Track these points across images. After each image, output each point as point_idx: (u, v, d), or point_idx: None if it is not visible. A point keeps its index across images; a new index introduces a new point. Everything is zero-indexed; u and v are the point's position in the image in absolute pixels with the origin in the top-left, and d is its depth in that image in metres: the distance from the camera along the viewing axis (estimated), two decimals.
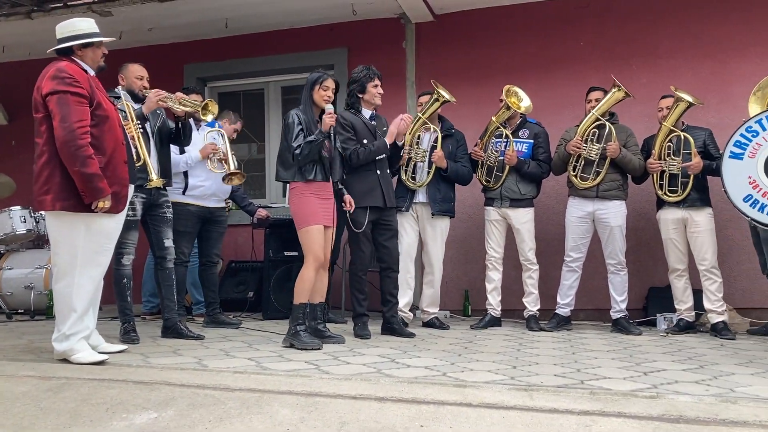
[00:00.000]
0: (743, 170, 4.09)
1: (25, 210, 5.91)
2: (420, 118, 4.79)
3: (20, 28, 6.20)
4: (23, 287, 5.64)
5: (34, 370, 3.06)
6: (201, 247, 5.02)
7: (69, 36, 3.33)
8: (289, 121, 3.96)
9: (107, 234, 3.32)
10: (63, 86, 3.17)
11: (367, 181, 4.34)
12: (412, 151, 4.86)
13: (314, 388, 2.70)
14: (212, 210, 4.91)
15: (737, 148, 4.13)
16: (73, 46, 3.32)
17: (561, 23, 5.86)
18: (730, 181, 4.11)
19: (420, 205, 4.96)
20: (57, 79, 3.18)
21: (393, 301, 4.46)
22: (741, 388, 2.76)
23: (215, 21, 6.27)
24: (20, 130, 7.13)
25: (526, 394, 2.59)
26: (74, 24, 3.36)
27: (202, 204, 4.83)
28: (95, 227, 3.25)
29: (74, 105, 3.17)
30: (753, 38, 5.41)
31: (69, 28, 3.35)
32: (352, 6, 5.98)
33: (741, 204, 4.07)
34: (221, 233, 5.05)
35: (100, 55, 3.43)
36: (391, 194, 4.47)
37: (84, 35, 3.34)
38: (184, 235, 4.70)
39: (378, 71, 4.46)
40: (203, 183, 4.82)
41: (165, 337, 4.22)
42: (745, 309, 5.17)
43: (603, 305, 5.15)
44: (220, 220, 5.01)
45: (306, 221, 3.90)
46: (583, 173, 4.83)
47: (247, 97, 7.02)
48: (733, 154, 4.14)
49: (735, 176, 4.11)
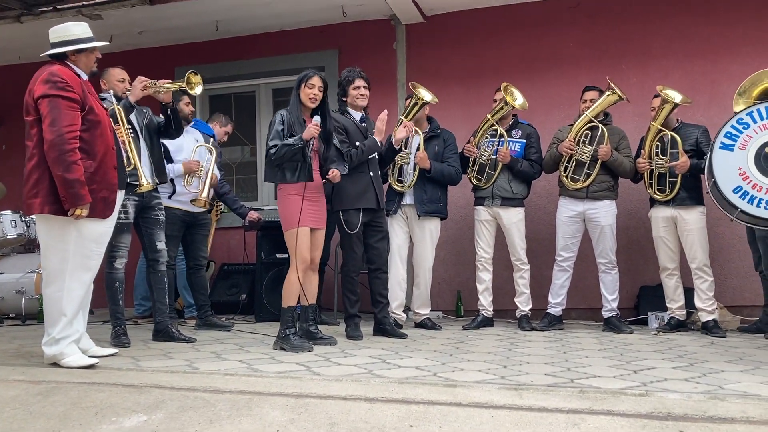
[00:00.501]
0: (734, 162, 4.08)
1: (16, 214, 5.89)
2: (402, 121, 4.76)
3: (10, 31, 6.19)
4: (14, 292, 5.62)
5: (23, 375, 3.05)
6: (187, 251, 5.03)
7: (63, 41, 3.33)
8: (273, 120, 3.96)
9: (96, 239, 3.32)
10: (55, 90, 3.17)
11: (360, 182, 4.34)
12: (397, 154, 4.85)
13: (304, 389, 2.70)
14: (196, 214, 4.93)
15: (728, 140, 4.13)
16: (67, 51, 3.32)
17: (551, 24, 5.88)
18: (720, 172, 4.11)
19: (408, 206, 4.95)
20: (49, 83, 3.18)
21: (383, 302, 4.47)
22: (730, 385, 2.77)
23: (206, 24, 6.28)
24: (10, 133, 7.12)
25: (516, 393, 2.60)
26: (68, 29, 3.36)
27: (187, 209, 4.84)
28: (85, 232, 3.24)
29: (65, 109, 3.16)
30: (743, 38, 5.45)
31: (62, 33, 3.34)
32: (343, 8, 5.99)
33: (731, 195, 4.06)
34: (205, 235, 5.09)
35: (93, 60, 3.43)
36: (384, 195, 4.49)
37: (78, 40, 3.34)
38: (170, 239, 4.68)
39: (361, 72, 4.45)
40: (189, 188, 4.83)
41: (156, 340, 4.21)
42: (735, 307, 5.20)
43: (594, 304, 5.17)
44: (204, 223, 5.05)
45: (291, 223, 3.87)
46: (574, 174, 4.85)
47: (238, 100, 7.02)
48: (724, 145, 4.13)
49: (725, 167, 4.10)
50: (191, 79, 4.19)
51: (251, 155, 6.98)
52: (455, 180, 5.05)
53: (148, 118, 4.29)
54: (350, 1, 5.88)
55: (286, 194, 3.92)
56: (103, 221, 3.32)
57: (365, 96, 4.45)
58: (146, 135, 4.22)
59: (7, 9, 5.87)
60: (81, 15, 5.83)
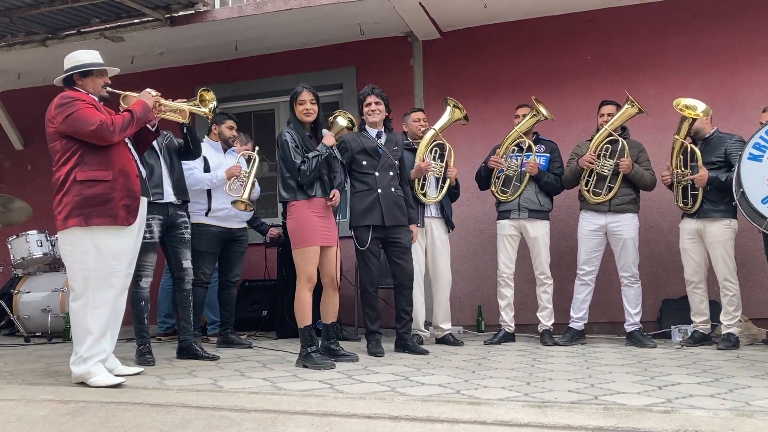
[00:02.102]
0: (762, 172, 4.08)
1: (42, 234, 6.01)
2: (436, 132, 4.91)
3: (35, 55, 6.32)
4: (40, 310, 5.71)
5: (52, 394, 3.10)
6: (221, 267, 5.03)
7: (71, 67, 3.48)
8: (283, 140, 3.96)
9: (116, 255, 3.36)
10: (70, 108, 3.31)
11: (366, 200, 4.37)
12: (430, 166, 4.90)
13: (329, 408, 2.72)
14: (233, 231, 4.93)
15: (756, 150, 4.13)
16: (73, 74, 3.46)
17: (567, 37, 5.89)
18: (749, 183, 4.10)
19: (431, 219, 4.97)
20: (63, 106, 3.33)
21: (406, 318, 4.48)
22: (757, 401, 2.74)
23: (225, 44, 6.37)
24: (36, 154, 7.25)
25: (540, 411, 2.59)
26: (76, 56, 3.51)
27: (224, 225, 4.83)
28: (103, 249, 3.31)
29: (86, 111, 3.31)
30: (762, 46, 5.41)
31: (72, 60, 3.51)
32: (360, 26, 6.05)
33: (760, 206, 4.05)
34: (242, 253, 5.06)
35: (101, 84, 3.53)
36: (394, 212, 4.41)
37: (83, 65, 3.47)
38: (206, 256, 4.71)
39: (374, 89, 4.52)
40: (226, 205, 4.77)
41: (180, 358, 4.25)
42: (761, 320, 5.12)
43: (617, 318, 5.14)
44: (241, 240, 5.02)
45: (303, 241, 3.88)
46: (595, 188, 4.84)
47: (258, 117, 7.10)
48: (752, 156, 4.14)
49: (754, 178, 4.10)
50: (203, 96, 4.12)
51: (271, 171, 7.05)
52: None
53: (168, 139, 4.37)
54: (367, 19, 5.94)
55: (299, 211, 3.91)
56: (120, 237, 3.37)
57: (376, 112, 4.49)
58: (166, 155, 4.30)
59: (33, 33, 6.01)
60: (104, 37, 5.95)
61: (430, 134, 4.93)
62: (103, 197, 3.31)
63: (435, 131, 4.93)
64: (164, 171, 4.24)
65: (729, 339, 4.53)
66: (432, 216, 4.98)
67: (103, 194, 3.31)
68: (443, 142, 4.95)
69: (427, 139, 4.92)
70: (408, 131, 5.11)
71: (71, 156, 3.33)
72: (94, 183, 3.31)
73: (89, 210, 3.28)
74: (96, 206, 3.29)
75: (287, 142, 3.94)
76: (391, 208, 4.42)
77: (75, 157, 3.33)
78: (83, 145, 3.33)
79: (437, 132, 4.94)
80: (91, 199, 3.29)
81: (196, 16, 5.81)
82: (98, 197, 3.30)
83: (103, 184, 3.32)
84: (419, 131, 5.01)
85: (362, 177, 4.42)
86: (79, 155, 3.33)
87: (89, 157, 3.33)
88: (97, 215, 3.29)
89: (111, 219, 3.31)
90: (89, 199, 3.29)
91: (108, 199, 3.32)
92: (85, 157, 3.33)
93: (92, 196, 3.29)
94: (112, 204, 3.32)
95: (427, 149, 4.90)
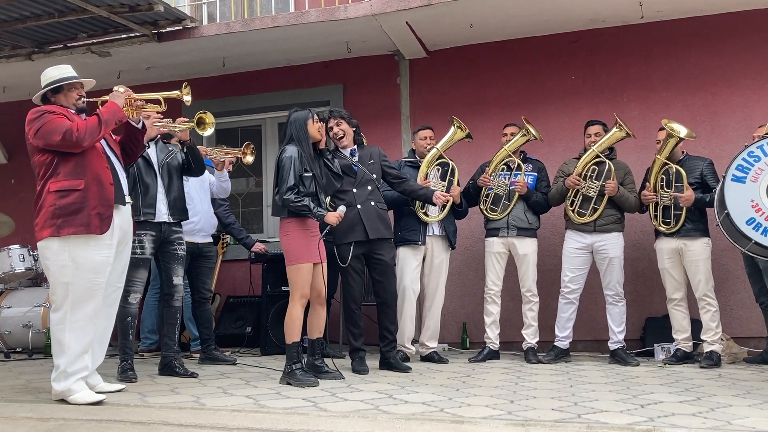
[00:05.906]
0: (746, 194, 4.13)
1: (24, 248, 5.93)
2: (438, 151, 4.97)
3: (21, 69, 6.30)
4: (21, 326, 5.63)
5: (32, 412, 3.06)
6: (192, 284, 5.01)
7: (44, 85, 3.49)
8: (287, 157, 3.94)
9: (94, 268, 3.32)
10: (39, 122, 3.31)
11: (346, 219, 4.26)
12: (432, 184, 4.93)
13: (312, 426, 2.71)
14: (200, 246, 4.92)
15: (739, 172, 4.18)
16: (46, 93, 3.47)
17: (552, 58, 5.96)
18: (733, 204, 4.15)
19: (434, 237, 4.98)
20: (33, 121, 3.35)
21: (390, 337, 4.47)
22: (738, 420, 2.77)
23: (213, 59, 6.38)
24: (20, 168, 7.19)
25: (523, 429, 2.60)
26: (47, 74, 3.53)
27: (190, 240, 4.78)
28: (81, 262, 3.28)
29: (53, 122, 3.30)
30: (743, 69, 5.51)
31: (44, 78, 3.52)
32: (347, 44, 6.09)
33: (744, 227, 4.09)
34: (210, 268, 5.09)
35: (74, 98, 3.52)
36: (377, 226, 4.41)
37: (52, 82, 3.48)
38: None
39: (332, 110, 4.68)
40: (192, 219, 4.73)
41: (163, 374, 4.21)
42: (742, 338, 5.17)
43: (601, 336, 5.16)
44: (209, 255, 5.04)
45: (297, 258, 3.90)
46: (580, 208, 4.88)
47: (244, 133, 7.10)
48: (736, 177, 4.18)
49: (738, 199, 4.15)
50: (203, 118, 4.15)
51: (257, 186, 7.05)
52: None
53: (171, 156, 4.33)
54: (355, 37, 5.98)
55: (293, 228, 3.95)
56: (98, 249, 3.33)
57: (339, 134, 4.53)
58: (165, 173, 4.27)
59: (19, 47, 5.99)
60: (91, 52, 5.95)
61: (432, 153, 4.97)
62: (75, 206, 3.28)
63: (437, 150, 4.97)
64: (160, 190, 4.20)
65: (711, 357, 4.57)
66: (434, 234, 4.99)
67: (75, 203, 3.29)
68: (447, 161, 4.99)
69: (429, 158, 4.95)
70: (416, 149, 5.17)
71: (48, 168, 3.34)
72: (67, 192, 3.30)
73: (62, 220, 3.26)
74: (68, 216, 3.27)
75: (291, 159, 3.93)
76: (373, 222, 4.42)
77: (51, 168, 3.34)
78: (57, 155, 3.33)
79: (439, 151, 4.97)
80: (64, 208, 3.27)
81: (184, 32, 5.82)
82: (70, 206, 3.28)
83: (76, 193, 3.30)
84: (425, 150, 5.04)
85: (341, 195, 4.42)
86: (54, 166, 3.33)
87: (62, 167, 3.33)
88: (68, 225, 3.26)
89: (83, 228, 3.28)
90: (61, 208, 3.27)
91: (80, 208, 3.29)
92: (59, 167, 3.33)
93: (64, 206, 3.28)
94: (84, 213, 3.29)
95: (428, 168, 4.94)
